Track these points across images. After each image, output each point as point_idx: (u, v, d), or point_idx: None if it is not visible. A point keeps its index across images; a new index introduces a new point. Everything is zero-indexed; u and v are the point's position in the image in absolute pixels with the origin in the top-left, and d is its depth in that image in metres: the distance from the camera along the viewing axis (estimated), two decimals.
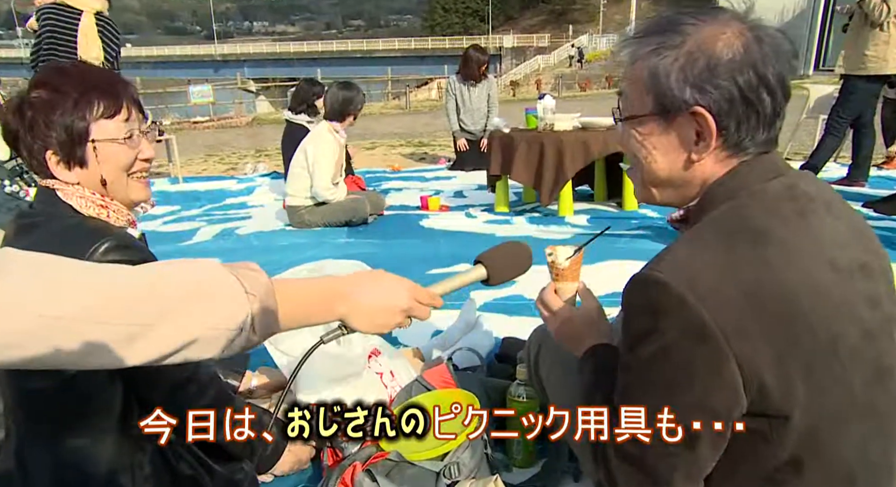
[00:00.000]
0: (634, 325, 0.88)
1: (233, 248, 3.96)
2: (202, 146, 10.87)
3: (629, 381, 0.90)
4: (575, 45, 47.23)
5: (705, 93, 0.88)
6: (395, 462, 1.40)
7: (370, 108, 21.35)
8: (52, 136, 1.19)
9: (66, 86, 1.19)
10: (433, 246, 3.78)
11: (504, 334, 2.28)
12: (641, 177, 1.01)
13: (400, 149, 9.50)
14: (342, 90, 4.31)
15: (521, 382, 1.54)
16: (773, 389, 0.80)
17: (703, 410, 0.82)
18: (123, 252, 1.12)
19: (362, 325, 0.93)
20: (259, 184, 6.43)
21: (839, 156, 5.95)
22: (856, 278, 0.86)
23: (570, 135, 4.29)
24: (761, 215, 0.87)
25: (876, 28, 4.56)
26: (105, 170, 1.23)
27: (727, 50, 0.88)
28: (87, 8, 4.17)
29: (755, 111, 0.90)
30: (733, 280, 0.81)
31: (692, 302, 0.80)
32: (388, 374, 1.71)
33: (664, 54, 0.90)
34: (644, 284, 0.85)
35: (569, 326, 1.20)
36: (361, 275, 0.97)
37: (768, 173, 0.92)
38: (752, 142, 0.92)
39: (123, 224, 1.27)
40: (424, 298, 0.98)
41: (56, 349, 0.67)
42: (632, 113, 0.97)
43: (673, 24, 0.92)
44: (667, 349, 0.83)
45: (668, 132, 0.94)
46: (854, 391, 0.84)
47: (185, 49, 75.66)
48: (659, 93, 0.92)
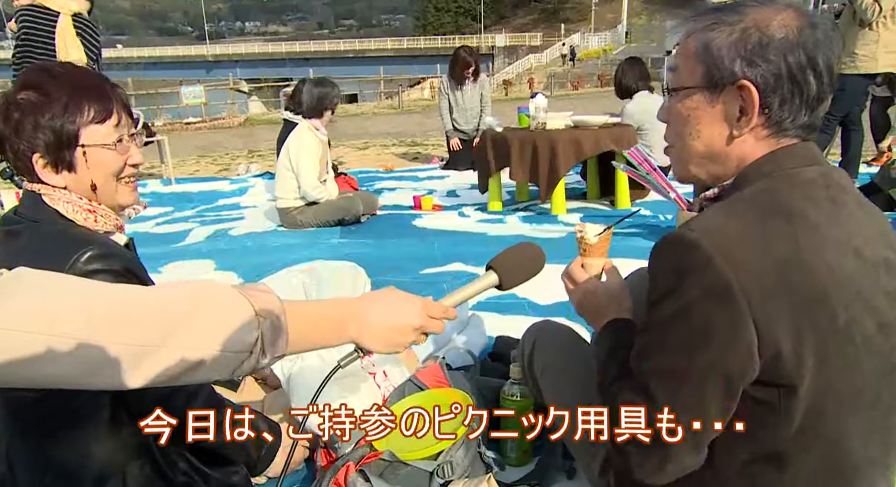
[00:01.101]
0: (659, 283, 0.90)
1: (226, 249, 3.95)
2: (194, 147, 10.83)
3: (648, 339, 0.92)
4: (567, 44, 47.30)
5: (754, 66, 0.91)
6: (388, 462, 1.40)
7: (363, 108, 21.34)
8: (39, 139, 1.16)
9: (56, 89, 1.17)
10: (427, 246, 3.78)
11: (497, 333, 2.28)
12: (681, 154, 1.03)
13: (393, 148, 9.50)
14: (316, 86, 4.32)
15: (515, 381, 1.55)
16: (786, 358, 0.82)
17: (717, 370, 0.84)
18: (105, 261, 1.11)
19: (376, 346, 0.93)
20: (252, 185, 6.42)
21: (829, 154, 5.99)
22: (879, 272, 0.88)
23: (563, 134, 4.30)
24: (795, 196, 0.89)
25: (865, 27, 4.58)
26: (94, 175, 1.22)
27: (782, 29, 0.90)
28: (63, 10, 4.10)
29: (800, 91, 0.91)
30: (764, 252, 0.83)
31: (719, 262, 0.82)
32: (380, 374, 1.71)
33: (720, 29, 0.93)
34: (675, 243, 0.87)
35: (591, 299, 1.22)
36: (372, 296, 0.97)
37: (806, 160, 0.94)
38: (793, 124, 0.94)
39: (111, 229, 1.26)
40: (437, 313, 0.98)
41: (61, 368, 0.66)
42: (681, 84, 0.99)
43: (733, 5, 0.96)
44: (688, 307, 0.85)
45: (714, 105, 0.96)
46: (864, 380, 0.86)
47: (176, 50, 75.43)
48: (709, 65, 0.94)
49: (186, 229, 4.64)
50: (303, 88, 4.39)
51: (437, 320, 0.98)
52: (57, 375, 0.67)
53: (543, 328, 1.53)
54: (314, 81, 4.42)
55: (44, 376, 0.67)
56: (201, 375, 0.74)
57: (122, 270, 1.14)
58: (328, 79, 4.56)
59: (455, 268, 3.30)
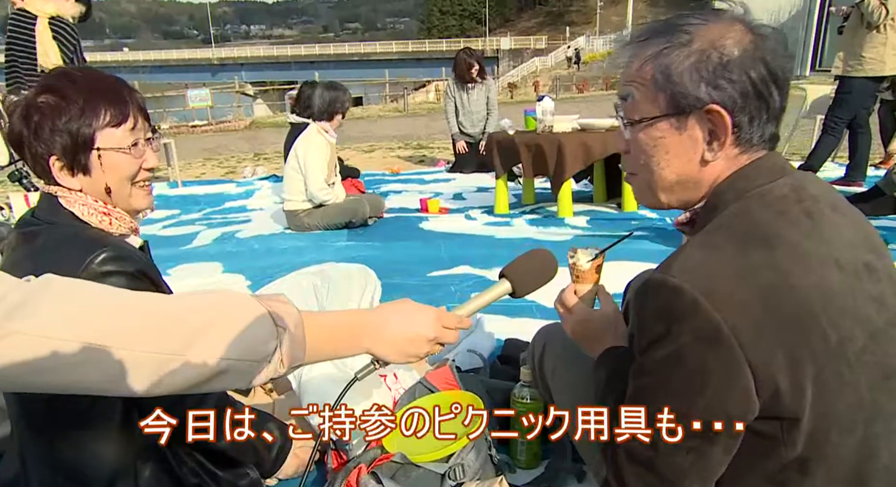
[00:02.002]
0: (648, 329, 0.87)
1: (233, 252, 3.96)
2: (201, 150, 10.87)
3: (641, 384, 0.89)
4: (572, 47, 47.30)
5: (720, 89, 0.89)
6: (400, 464, 1.40)
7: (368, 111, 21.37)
8: (56, 142, 1.18)
9: (73, 93, 1.18)
10: (434, 249, 3.79)
11: (505, 335, 2.28)
12: (650, 181, 1.00)
13: (399, 151, 9.51)
14: (328, 90, 4.34)
15: (525, 383, 1.55)
16: (785, 392, 0.80)
17: (715, 414, 0.81)
18: (119, 263, 1.12)
19: (391, 357, 0.95)
20: (258, 188, 6.44)
21: (837, 156, 5.98)
22: (862, 278, 0.86)
23: (570, 137, 4.30)
24: (770, 218, 0.87)
25: (873, 30, 4.58)
26: (109, 178, 1.23)
27: (737, 46, 0.88)
28: (40, 13, 4.11)
29: (766, 105, 0.90)
30: (747, 284, 0.81)
31: (706, 306, 0.79)
32: (391, 376, 1.72)
33: (674, 53, 0.90)
34: (656, 289, 0.85)
35: (585, 327, 1.20)
36: (387, 307, 0.98)
37: (774, 174, 0.92)
38: (760, 138, 0.93)
39: (126, 231, 1.27)
40: (451, 323, 0.99)
41: (83, 376, 0.67)
42: (642, 115, 0.96)
43: (676, 24, 0.93)
44: (680, 353, 0.82)
45: (681, 132, 0.93)
46: (861, 393, 0.84)
47: (182, 53, 75.67)
48: (673, 93, 0.91)
49: (194, 232, 4.66)
50: (310, 91, 4.40)
51: (452, 330, 0.99)
52: (78, 382, 0.68)
53: (553, 330, 1.53)
54: (325, 84, 4.43)
55: (65, 383, 0.67)
56: (219, 384, 0.75)
57: (135, 272, 1.15)
58: (339, 83, 4.57)
59: (462, 271, 3.30)
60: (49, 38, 4.15)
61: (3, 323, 0.63)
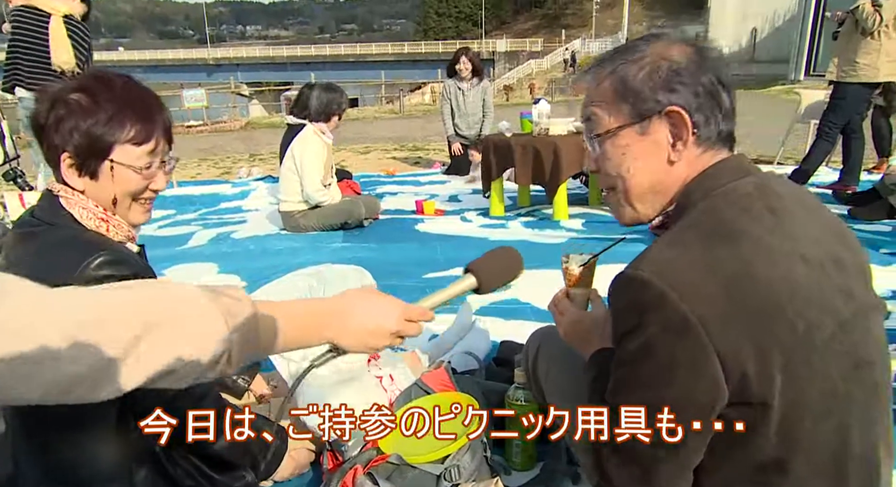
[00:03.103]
0: (620, 323, 0.92)
1: (229, 252, 3.96)
2: (196, 150, 10.84)
3: (618, 376, 0.93)
4: (568, 50, 47.41)
5: (675, 92, 0.96)
6: (395, 465, 1.40)
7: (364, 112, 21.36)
8: (74, 141, 1.19)
9: (107, 100, 1.19)
10: (429, 250, 3.80)
11: (500, 337, 2.29)
12: (624, 194, 1.05)
13: (394, 153, 9.51)
14: (325, 91, 4.36)
15: (520, 385, 1.56)
16: (752, 379, 0.83)
17: (687, 402, 0.85)
18: (116, 267, 1.12)
19: (352, 347, 0.93)
20: (254, 189, 6.42)
21: (831, 161, 6.01)
22: (829, 271, 0.89)
23: (566, 140, 4.32)
24: (735, 214, 0.91)
25: (867, 36, 4.61)
26: (115, 190, 1.24)
27: (684, 57, 0.97)
28: (54, 11, 4.12)
29: (718, 105, 0.98)
30: (712, 276, 0.84)
31: (673, 298, 0.83)
32: (387, 378, 1.72)
33: (629, 67, 0.99)
34: (626, 283, 0.89)
35: (577, 328, 1.25)
36: (350, 297, 0.96)
37: (738, 173, 0.98)
38: (718, 136, 0.99)
39: (122, 239, 1.27)
40: (415, 316, 0.98)
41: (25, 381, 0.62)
42: (607, 128, 1.02)
43: (626, 46, 1.03)
44: (650, 344, 0.86)
45: (646, 137, 1.00)
46: (833, 382, 0.87)
47: (178, 53, 75.53)
48: (634, 100, 0.99)
49: (189, 232, 4.65)
50: (308, 93, 4.41)
51: (415, 323, 0.99)
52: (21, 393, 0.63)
53: (547, 333, 1.53)
54: (323, 86, 4.45)
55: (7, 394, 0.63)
56: (164, 384, 0.72)
57: (131, 276, 1.14)
58: (336, 84, 4.59)
59: (458, 273, 3.27)
60: (64, 37, 4.17)
61: None
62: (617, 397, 0.91)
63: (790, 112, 6.48)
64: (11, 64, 4.16)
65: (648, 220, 1.07)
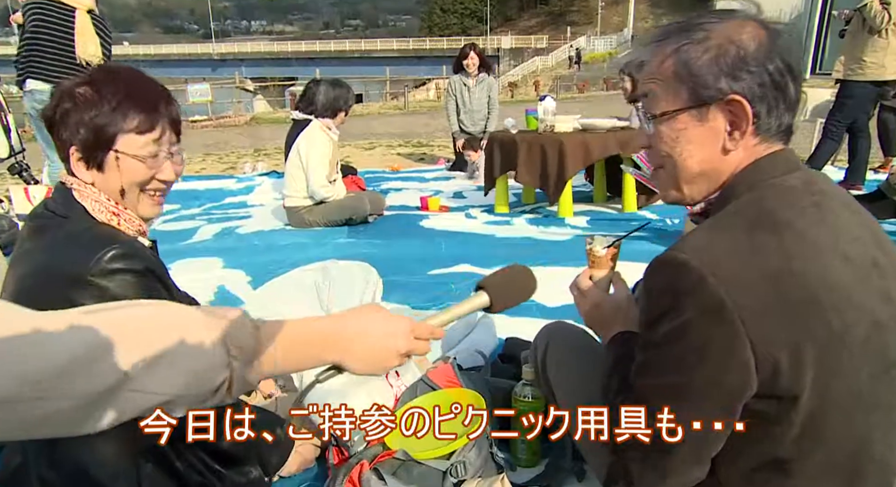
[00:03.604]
0: (654, 304, 0.91)
1: (233, 247, 3.96)
2: (201, 145, 10.86)
3: (646, 358, 0.92)
4: (573, 47, 47.30)
5: (739, 80, 0.92)
6: (401, 461, 1.41)
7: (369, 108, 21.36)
8: (79, 134, 1.20)
9: (111, 91, 1.20)
10: (434, 247, 3.79)
11: (506, 334, 2.28)
12: (674, 175, 1.02)
13: (399, 149, 9.52)
14: (332, 87, 4.37)
15: (527, 382, 1.55)
16: (784, 372, 0.82)
17: (714, 389, 0.85)
18: (129, 260, 1.13)
19: (358, 369, 0.88)
20: (258, 183, 6.43)
21: (836, 160, 5.99)
22: (869, 272, 0.89)
23: (571, 137, 4.31)
24: (780, 206, 0.90)
25: (874, 34, 4.59)
26: (121, 179, 1.24)
27: (753, 41, 0.92)
28: (79, 5, 4.17)
29: (783, 96, 0.94)
30: (753, 265, 0.84)
31: (712, 282, 0.82)
32: (393, 374, 1.72)
33: (693, 48, 0.94)
34: (666, 265, 0.88)
35: (598, 311, 1.24)
36: (356, 317, 0.90)
37: (788, 167, 0.96)
38: (778, 128, 0.96)
39: (134, 233, 1.28)
40: (424, 334, 0.94)
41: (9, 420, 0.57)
42: (664, 109, 0.99)
43: (693, 23, 0.97)
44: (685, 327, 0.86)
45: (703, 123, 0.97)
46: (861, 382, 0.87)
47: (182, 48, 75.45)
48: (694, 85, 0.95)
49: (194, 227, 4.66)
50: (315, 88, 4.41)
51: (424, 341, 0.95)
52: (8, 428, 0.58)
53: (556, 329, 1.53)
54: (330, 82, 4.46)
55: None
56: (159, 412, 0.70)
57: (143, 270, 1.16)
58: (343, 80, 4.60)
59: (462, 270, 3.30)
60: (92, 30, 4.25)
61: None
62: (643, 379, 0.91)
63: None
64: (28, 56, 4.17)
65: (693, 203, 1.05)
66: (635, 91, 4.71)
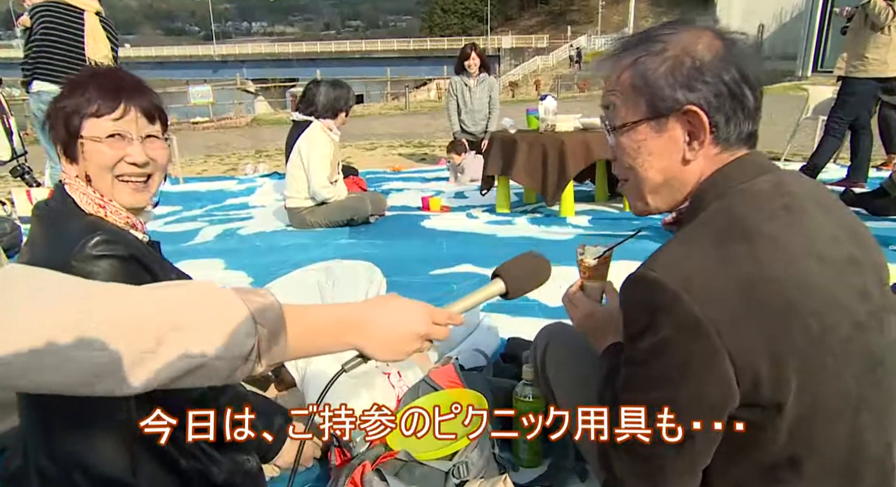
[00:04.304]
0: (632, 322, 0.91)
1: (235, 249, 3.97)
2: (202, 146, 10.89)
3: (629, 374, 0.93)
4: (574, 46, 47.27)
5: (695, 91, 0.93)
6: (404, 462, 1.40)
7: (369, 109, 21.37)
8: (57, 127, 1.26)
9: (79, 85, 1.25)
10: (436, 247, 3.79)
11: (508, 334, 2.28)
12: (637, 186, 1.04)
13: (400, 149, 9.52)
14: (332, 88, 4.39)
15: (528, 382, 1.55)
16: (765, 380, 0.82)
17: (698, 403, 0.85)
18: (112, 246, 1.15)
19: (379, 354, 0.91)
20: (260, 185, 6.43)
21: (839, 157, 5.98)
22: (845, 271, 0.88)
23: (572, 136, 4.31)
24: (750, 213, 0.90)
25: (877, 31, 4.58)
26: (88, 167, 1.26)
27: (708, 51, 0.93)
28: (88, 8, 4.21)
29: (741, 105, 0.94)
30: (725, 276, 0.83)
31: (686, 299, 0.82)
32: (395, 374, 1.72)
33: (650, 61, 0.95)
34: (639, 283, 0.88)
35: (590, 321, 1.25)
36: (375, 303, 0.95)
37: (755, 171, 0.96)
38: (738, 137, 0.96)
39: (123, 225, 1.28)
40: (443, 319, 0.96)
41: (55, 372, 0.64)
42: (624, 121, 1.00)
43: (650, 35, 0.98)
44: (663, 344, 0.86)
45: (662, 134, 0.97)
46: (847, 383, 0.86)
47: (183, 49, 75.56)
48: (651, 96, 0.96)
49: (195, 228, 4.66)
50: (315, 89, 4.42)
51: (443, 327, 0.97)
52: (51, 383, 0.65)
53: (556, 329, 1.53)
54: (331, 83, 4.47)
55: (38, 383, 0.65)
56: (194, 381, 0.73)
57: (127, 256, 1.17)
58: (343, 81, 4.60)
59: (464, 270, 3.30)
60: (102, 32, 4.31)
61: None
62: (628, 394, 0.91)
63: (797, 108, 6.44)
64: (37, 58, 4.19)
65: (660, 213, 1.06)
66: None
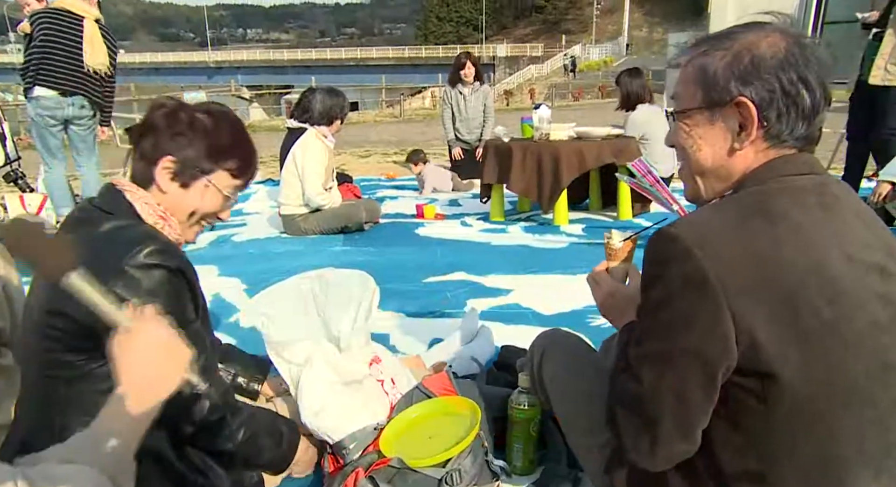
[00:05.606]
0: (646, 272, 0.97)
1: (229, 255, 3.96)
2: None
3: (640, 324, 0.99)
4: (568, 55, 47.51)
5: (748, 84, 0.98)
6: (396, 469, 1.41)
7: (364, 116, 21.40)
8: (187, 150, 1.29)
9: (226, 129, 1.35)
10: (430, 255, 3.80)
11: (501, 342, 2.29)
12: (689, 168, 1.10)
13: (394, 156, 9.53)
14: (328, 96, 4.41)
15: (523, 390, 1.56)
16: (763, 346, 0.86)
17: (696, 356, 0.89)
18: (164, 257, 1.18)
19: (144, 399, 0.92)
20: (254, 192, 6.42)
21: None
22: (871, 276, 0.91)
23: (566, 145, 4.33)
24: (782, 200, 0.94)
25: None
26: (188, 199, 1.33)
27: (771, 51, 0.97)
28: (88, 15, 4.22)
29: (795, 104, 0.97)
30: (742, 247, 0.88)
31: (698, 255, 0.87)
32: (388, 381, 1.72)
33: (713, 53, 1.01)
34: (659, 237, 0.94)
35: (612, 300, 1.30)
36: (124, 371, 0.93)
37: (802, 169, 0.99)
38: (791, 135, 1.00)
39: (175, 239, 1.34)
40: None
41: None
42: (682, 107, 1.07)
43: (725, 33, 1.03)
44: (670, 295, 0.91)
45: (714, 123, 1.03)
46: (856, 376, 0.88)
47: (178, 56, 75.71)
48: (707, 86, 1.02)
49: None
50: (310, 97, 4.43)
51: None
52: None
53: (552, 336, 1.54)
54: (325, 90, 4.48)
55: None
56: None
57: (175, 268, 1.21)
58: (338, 88, 4.63)
59: (458, 277, 3.31)
60: (100, 39, 4.31)
61: None
62: (636, 347, 0.97)
63: None
64: (38, 64, 4.18)
65: (708, 200, 1.10)
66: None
